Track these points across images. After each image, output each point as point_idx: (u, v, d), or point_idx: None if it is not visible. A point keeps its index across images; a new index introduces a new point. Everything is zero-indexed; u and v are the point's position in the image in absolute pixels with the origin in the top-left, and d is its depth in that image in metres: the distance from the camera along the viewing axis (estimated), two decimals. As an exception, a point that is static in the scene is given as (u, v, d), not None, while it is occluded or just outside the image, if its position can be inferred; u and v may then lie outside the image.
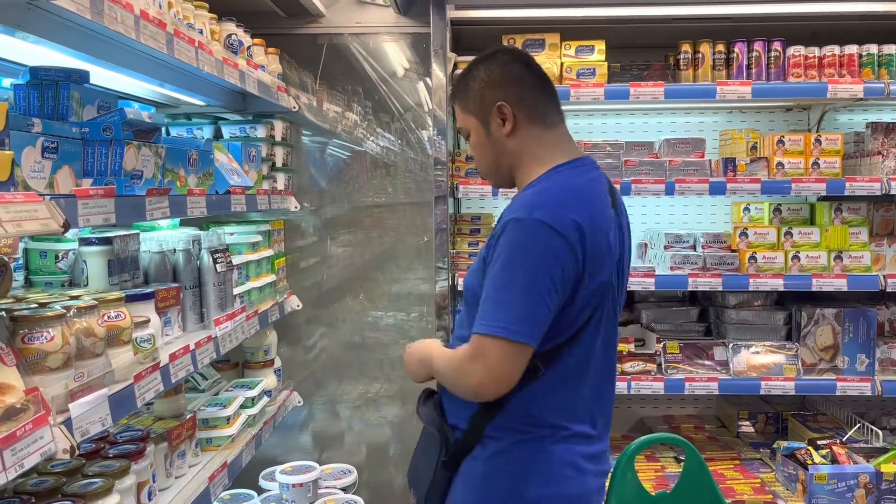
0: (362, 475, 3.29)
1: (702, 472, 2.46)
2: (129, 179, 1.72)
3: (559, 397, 1.69)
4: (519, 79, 1.76)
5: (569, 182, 1.69)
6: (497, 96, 1.75)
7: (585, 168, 1.75)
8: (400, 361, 3.43)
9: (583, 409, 1.73)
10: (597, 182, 1.74)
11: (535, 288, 1.55)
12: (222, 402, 2.51)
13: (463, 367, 1.62)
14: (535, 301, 1.56)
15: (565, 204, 1.61)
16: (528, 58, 1.81)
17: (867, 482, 2.98)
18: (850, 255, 3.22)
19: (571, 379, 1.69)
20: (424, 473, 1.79)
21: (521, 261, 1.57)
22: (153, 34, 1.78)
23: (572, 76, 3.18)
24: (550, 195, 1.64)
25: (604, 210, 1.69)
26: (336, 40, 3.34)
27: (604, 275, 1.66)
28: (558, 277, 1.57)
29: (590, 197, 1.67)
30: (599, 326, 1.70)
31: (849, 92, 3.13)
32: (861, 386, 3.20)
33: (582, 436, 1.72)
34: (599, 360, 1.73)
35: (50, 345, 1.41)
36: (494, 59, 1.79)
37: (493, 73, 1.77)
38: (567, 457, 1.69)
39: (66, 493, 1.63)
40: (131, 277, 2.11)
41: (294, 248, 3.38)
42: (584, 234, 1.59)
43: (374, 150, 3.40)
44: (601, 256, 1.64)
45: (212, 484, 2.17)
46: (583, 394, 1.72)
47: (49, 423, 1.32)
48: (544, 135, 1.76)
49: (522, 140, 1.75)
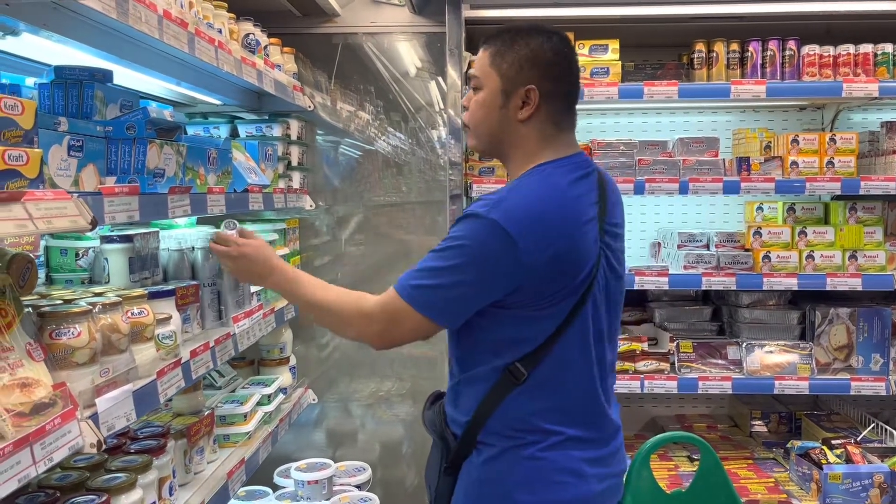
0: (376, 472, 3.30)
1: (717, 471, 2.46)
2: (151, 178, 1.73)
3: (547, 402, 1.66)
4: (565, 77, 1.72)
5: (544, 184, 1.65)
6: (533, 78, 1.68)
7: (571, 167, 1.69)
8: (411, 360, 3.45)
9: (577, 412, 1.69)
10: (581, 183, 1.68)
11: (464, 274, 1.58)
12: (239, 399, 2.53)
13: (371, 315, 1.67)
14: (459, 285, 1.59)
15: (529, 208, 1.59)
16: (575, 60, 1.75)
17: (882, 482, 2.97)
18: (864, 255, 3.21)
19: (559, 382, 1.67)
20: (432, 477, 1.82)
21: (462, 251, 1.59)
22: (175, 34, 1.80)
23: (586, 75, 3.18)
24: (517, 197, 1.62)
25: (578, 213, 1.64)
26: (350, 40, 3.35)
27: (573, 277, 1.62)
28: (491, 277, 1.58)
29: (562, 200, 1.63)
30: (585, 326, 1.66)
31: (864, 91, 3.12)
32: (875, 385, 3.19)
33: (579, 440, 1.68)
34: (593, 361, 1.69)
35: (77, 340, 1.42)
36: (553, 41, 1.70)
37: (544, 54, 1.68)
38: (564, 463, 1.66)
39: (90, 487, 1.65)
40: (151, 275, 2.13)
41: (308, 247, 3.40)
42: (541, 240, 1.57)
43: (387, 149, 3.41)
44: (568, 260, 1.61)
45: (230, 480, 2.18)
46: (575, 396, 1.69)
47: (77, 417, 1.33)
48: (554, 135, 1.72)
49: (531, 131, 1.71)
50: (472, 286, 1.60)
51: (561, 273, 1.61)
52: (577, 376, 1.68)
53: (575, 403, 1.69)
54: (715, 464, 2.45)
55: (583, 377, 1.69)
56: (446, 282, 1.60)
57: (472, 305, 1.64)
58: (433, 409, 1.85)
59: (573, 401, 1.68)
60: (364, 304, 1.70)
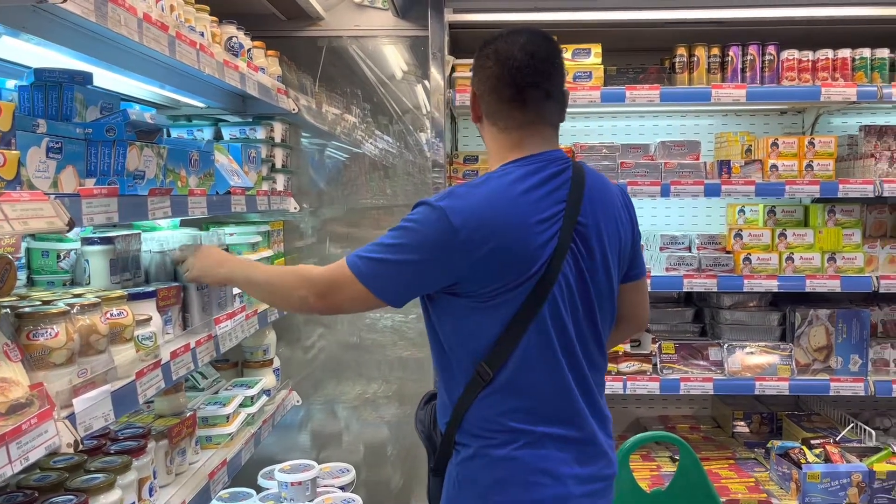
0: (360, 474, 3.31)
1: (696, 470, 2.49)
2: (131, 179, 1.74)
3: (516, 402, 1.67)
4: (498, 74, 1.73)
5: (499, 181, 1.67)
6: (474, 82, 1.81)
7: (537, 166, 1.69)
8: (399, 362, 3.47)
9: (549, 411, 1.68)
10: (544, 183, 1.68)
11: (407, 254, 1.63)
12: (222, 401, 2.54)
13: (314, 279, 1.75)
14: (400, 268, 1.65)
15: (475, 202, 1.63)
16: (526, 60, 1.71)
17: (860, 481, 3.01)
18: (843, 257, 3.25)
19: (527, 383, 1.66)
20: (426, 477, 1.87)
21: (408, 233, 1.64)
22: (156, 37, 1.81)
23: (569, 79, 3.21)
24: (468, 190, 1.66)
25: (528, 211, 1.64)
26: (335, 43, 3.37)
27: (518, 273, 1.62)
28: (432, 262, 1.63)
29: (510, 197, 1.64)
30: (544, 326, 1.65)
31: (842, 95, 3.17)
32: (854, 386, 3.23)
33: (554, 438, 1.67)
34: (566, 359, 1.68)
35: (54, 341, 1.43)
36: (493, 43, 1.76)
37: (482, 58, 1.77)
38: (537, 463, 1.66)
39: (69, 487, 1.65)
40: (132, 277, 2.14)
41: (293, 249, 3.41)
42: (482, 233, 1.60)
43: (373, 152, 3.43)
44: (510, 255, 1.62)
45: (212, 481, 2.19)
46: (544, 397, 1.68)
47: (53, 417, 1.34)
48: (499, 135, 1.76)
49: (486, 132, 1.82)
50: (413, 266, 1.65)
51: (503, 267, 1.62)
52: (545, 377, 1.68)
53: (545, 403, 1.68)
54: (694, 463, 2.48)
55: (552, 377, 1.68)
56: (391, 258, 1.66)
57: (413, 287, 1.70)
58: (425, 410, 1.88)
59: (543, 401, 1.68)
60: (309, 271, 1.81)
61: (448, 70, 3.21)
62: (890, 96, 3.16)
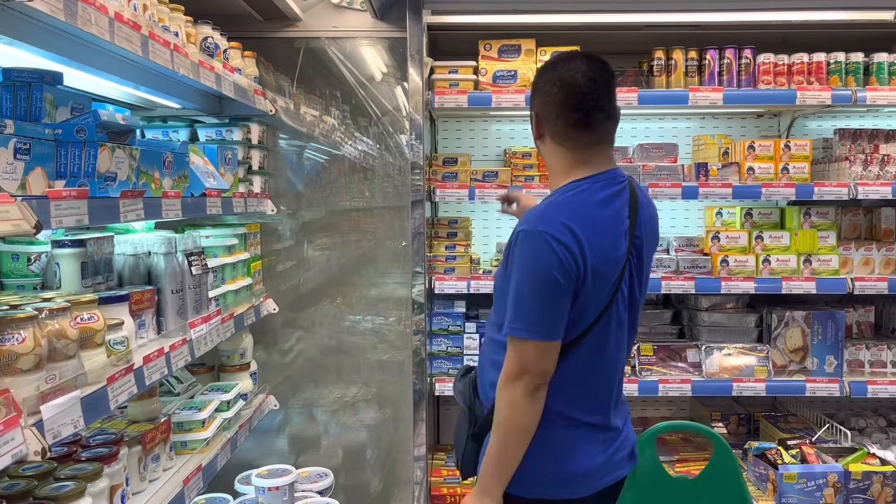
0: (339, 478, 3.29)
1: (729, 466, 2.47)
2: (102, 181, 1.71)
3: (570, 389, 1.85)
4: (561, 98, 1.86)
5: (577, 198, 1.84)
6: (536, 104, 1.93)
7: (602, 184, 1.87)
8: (378, 365, 3.45)
9: (594, 401, 1.89)
10: (611, 200, 1.86)
11: (543, 290, 1.76)
12: (197, 406, 2.51)
13: (509, 379, 1.80)
14: (547, 301, 1.76)
15: (568, 216, 1.78)
16: (588, 85, 1.84)
17: (836, 481, 3.04)
18: (818, 259, 3.28)
19: (582, 373, 1.85)
20: (459, 442, 2.03)
21: (529, 267, 1.77)
22: (128, 36, 1.78)
23: (548, 81, 3.21)
24: (555, 208, 1.82)
25: (611, 221, 1.84)
26: (313, 44, 3.34)
27: (606, 278, 1.81)
28: (563, 278, 1.75)
29: (596, 211, 1.83)
30: (609, 326, 1.85)
31: (817, 99, 3.20)
32: (830, 387, 3.26)
33: (592, 426, 1.89)
34: (611, 358, 1.89)
35: (21, 346, 1.40)
36: (553, 67, 1.90)
37: (542, 82, 1.90)
38: (576, 442, 1.87)
39: (37, 496, 1.62)
40: (105, 280, 2.10)
41: (270, 252, 3.38)
42: (582, 243, 1.76)
43: (352, 154, 3.41)
44: (603, 262, 1.80)
45: (186, 487, 2.16)
46: (593, 388, 1.89)
47: (20, 424, 1.31)
48: (566, 154, 1.89)
49: (549, 152, 1.94)
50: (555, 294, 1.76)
51: (598, 273, 1.79)
52: (603, 368, 1.88)
53: (595, 393, 1.89)
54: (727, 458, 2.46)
55: (607, 369, 1.89)
56: (537, 304, 1.77)
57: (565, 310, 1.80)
58: (463, 382, 2.07)
59: (593, 391, 1.88)
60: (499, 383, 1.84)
61: (427, 72, 3.20)
62: (864, 100, 3.20)
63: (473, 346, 3.45)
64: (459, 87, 3.28)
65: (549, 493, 1.87)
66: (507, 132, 3.90)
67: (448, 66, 3.30)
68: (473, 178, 3.40)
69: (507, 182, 3.39)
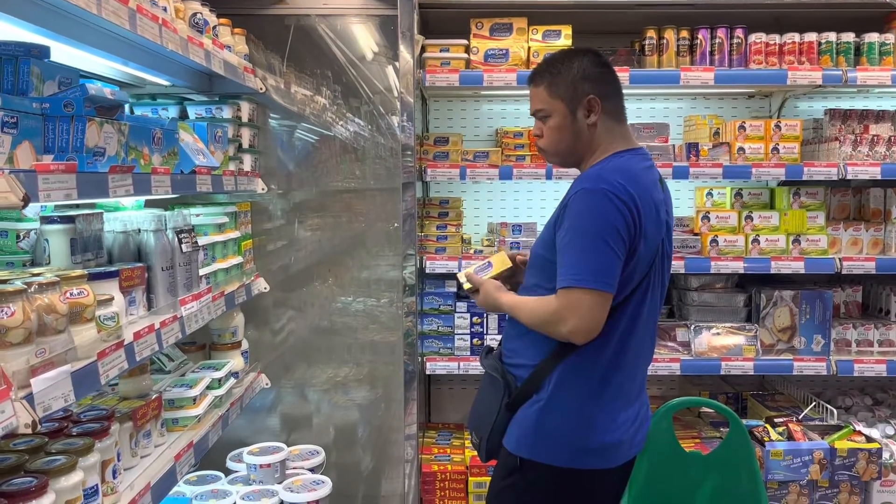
0: (330, 456, 3.31)
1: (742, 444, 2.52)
2: (91, 156, 1.70)
3: (609, 352, 1.95)
4: (610, 80, 2.06)
5: (627, 164, 1.98)
6: (588, 90, 2.02)
7: (641, 157, 2.04)
8: (370, 345, 3.46)
9: (629, 364, 1.99)
10: (649, 170, 2.04)
11: (606, 242, 1.85)
12: (188, 383, 2.51)
13: (555, 317, 1.89)
14: (609, 253, 1.85)
15: (624, 178, 1.90)
16: (611, 65, 2.09)
17: (821, 458, 3.08)
18: (807, 239, 3.30)
19: (621, 337, 1.95)
20: (487, 417, 2.08)
21: (592, 221, 1.86)
22: (115, 9, 1.76)
23: (539, 60, 3.20)
24: (612, 171, 1.94)
25: (653, 189, 1.98)
26: (303, 21, 3.31)
27: (653, 242, 1.94)
28: (623, 233, 1.86)
29: (643, 177, 1.96)
30: (647, 293, 1.97)
31: (808, 79, 3.21)
32: (817, 366, 3.30)
33: (624, 389, 2.00)
34: (644, 323, 2.00)
35: (10, 320, 1.40)
36: (588, 57, 2.05)
37: (591, 70, 2.03)
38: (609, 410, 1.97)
39: (28, 469, 1.62)
40: (95, 257, 2.09)
41: (261, 231, 3.37)
42: (637, 205, 1.88)
43: (343, 134, 3.39)
44: (651, 225, 1.92)
45: (178, 463, 2.17)
46: (629, 350, 1.98)
47: (10, 397, 1.31)
48: (615, 127, 2.06)
49: (601, 131, 2.04)
50: (616, 247, 1.86)
51: (648, 235, 1.91)
52: (637, 333, 1.98)
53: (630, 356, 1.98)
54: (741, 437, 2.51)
55: (641, 334, 1.99)
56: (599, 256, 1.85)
57: (620, 266, 1.89)
58: (489, 359, 2.16)
59: (628, 354, 1.97)
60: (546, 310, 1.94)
61: (418, 50, 3.19)
62: (854, 80, 3.20)
63: (464, 325, 3.46)
64: (451, 65, 3.27)
65: (580, 463, 1.96)
66: (499, 111, 3.89)
67: (439, 45, 3.28)
68: (465, 157, 3.39)
69: (499, 162, 3.37)
